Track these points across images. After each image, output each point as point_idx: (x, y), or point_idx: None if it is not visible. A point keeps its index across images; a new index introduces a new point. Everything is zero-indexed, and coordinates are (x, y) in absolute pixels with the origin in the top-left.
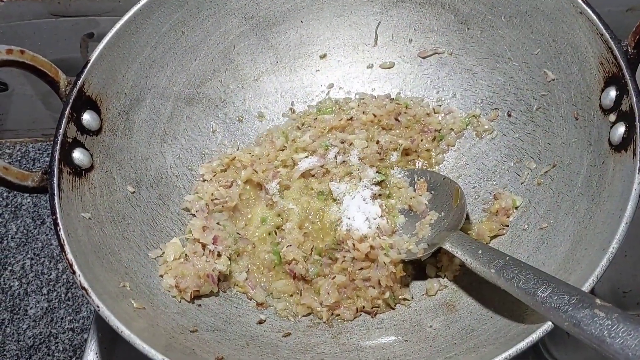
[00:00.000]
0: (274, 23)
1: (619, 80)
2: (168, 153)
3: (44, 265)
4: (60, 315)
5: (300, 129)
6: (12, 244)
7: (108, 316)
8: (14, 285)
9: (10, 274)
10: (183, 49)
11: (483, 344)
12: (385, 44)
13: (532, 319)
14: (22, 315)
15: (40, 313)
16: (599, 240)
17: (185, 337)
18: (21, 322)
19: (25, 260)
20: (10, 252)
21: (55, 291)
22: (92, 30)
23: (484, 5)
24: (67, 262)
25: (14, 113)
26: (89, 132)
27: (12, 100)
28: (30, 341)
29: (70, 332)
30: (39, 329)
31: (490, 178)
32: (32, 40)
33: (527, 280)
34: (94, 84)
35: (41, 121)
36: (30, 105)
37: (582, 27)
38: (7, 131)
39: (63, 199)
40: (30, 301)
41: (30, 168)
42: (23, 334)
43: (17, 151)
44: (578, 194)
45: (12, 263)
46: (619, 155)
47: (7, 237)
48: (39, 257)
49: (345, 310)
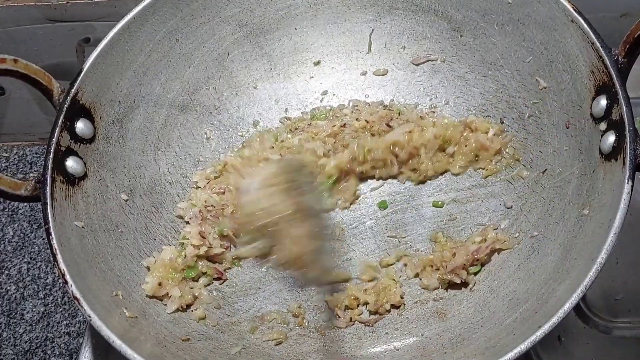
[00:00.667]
0: (268, 30)
1: (610, 89)
2: (162, 160)
3: (41, 270)
4: (56, 320)
5: (291, 132)
6: (8, 247)
7: (100, 326)
8: (11, 289)
9: (7, 278)
10: (177, 56)
11: (473, 354)
12: (379, 51)
13: (522, 329)
14: (18, 319)
15: (36, 317)
16: (589, 249)
17: (177, 346)
18: (17, 326)
19: (21, 265)
20: (6, 256)
21: (52, 295)
22: (88, 35)
23: (476, 13)
24: (59, 272)
25: (11, 117)
26: (82, 141)
27: (9, 104)
28: (26, 345)
29: (67, 336)
30: (35, 333)
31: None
32: (28, 46)
33: None
34: (87, 92)
35: (38, 125)
36: (27, 109)
37: (573, 36)
38: (4, 135)
39: (56, 208)
40: (27, 305)
41: (27, 171)
42: (19, 338)
43: (15, 155)
44: (569, 203)
45: (9, 267)
46: (609, 164)
47: (4, 241)
48: (36, 261)
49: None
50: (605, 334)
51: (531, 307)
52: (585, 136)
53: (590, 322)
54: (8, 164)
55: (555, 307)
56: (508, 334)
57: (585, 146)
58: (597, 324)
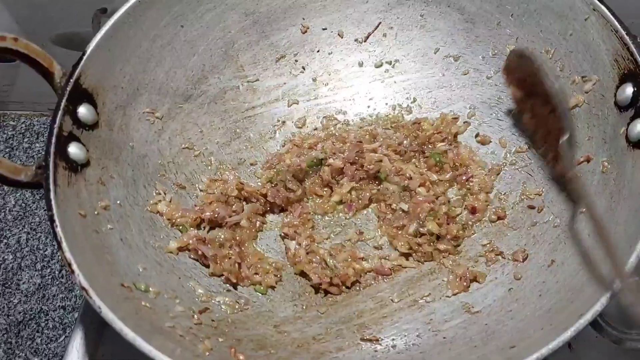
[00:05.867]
0: (275, 19)
1: (636, 77)
2: (165, 150)
3: (40, 241)
4: (52, 292)
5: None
6: (9, 216)
7: (112, 319)
8: (8, 258)
9: (5, 247)
10: (182, 43)
11: (506, 345)
12: (389, 43)
13: (559, 318)
14: (14, 289)
15: (32, 288)
16: (624, 238)
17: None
18: (12, 296)
19: (21, 234)
20: (6, 225)
21: (50, 267)
22: (105, 5)
23: (491, 4)
24: (65, 261)
25: (20, 85)
26: (84, 126)
27: (19, 72)
28: (20, 316)
29: (62, 310)
30: (30, 305)
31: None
32: (44, 11)
33: None
34: (90, 76)
35: (47, 95)
36: (37, 77)
37: (594, 24)
38: (12, 103)
39: (59, 195)
40: (23, 276)
41: (34, 141)
42: (13, 309)
43: (22, 124)
44: (595, 193)
45: (8, 236)
46: (638, 151)
47: (5, 210)
48: (36, 232)
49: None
50: (617, 345)
51: (565, 297)
52: (609, 125)
53: (603, 332)
54: (15, 133)
55: (593, 296)
56: (543, 325)
57: (609, 135)
58: (610, 334)
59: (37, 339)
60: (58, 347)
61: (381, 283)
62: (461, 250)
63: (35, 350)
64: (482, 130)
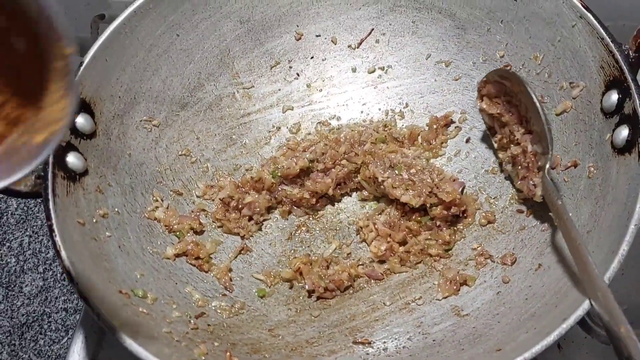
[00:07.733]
0: (270, 27)
1: (621, 84)
2: (163, 158)
3: (42, 244)
4: (54, 295)
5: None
6: (11, 220)
7: (110, 326)
8: (11, 262)
9: (8, 251)
10: (178, 52)
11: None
12: (382, 49)
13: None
14: (17, 292)
15: (35, 291)
16: (607, 243)
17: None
18: (15, 299)
19: (23, 238)
20: (9, 229)
21: (51, 270)
22: (103, 11)
23: (481, 11)
24: (64, 270)
25: None
26: (82, 136)
27: None
28: (23, 318)
29: (64, 312)
30: (32, 307)
31: (492, 182)
32: None
33: None
34: (87, 86)
35: None
36: None
37: (581, 32)
38: None
39: (58, 204)
40: (26, 279)
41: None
42: (17, 311)
43: None
44: (581, 198)
45: (11, 240)
46: (622, 157)
47: (7, 213)
48: (38, 235)
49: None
50: (606, 345)
51: (550, 301)
52: (595, 131)
53: (592, 332)
54: None
55: (577, 300)
56: (528, 329)
57: (595, 141)
58: (599, 334)
59: (40, 340)
60: (61, 349)
61: (373, 286)
62: (452, 254)
63: (39, 352)
64: (473, 135)
